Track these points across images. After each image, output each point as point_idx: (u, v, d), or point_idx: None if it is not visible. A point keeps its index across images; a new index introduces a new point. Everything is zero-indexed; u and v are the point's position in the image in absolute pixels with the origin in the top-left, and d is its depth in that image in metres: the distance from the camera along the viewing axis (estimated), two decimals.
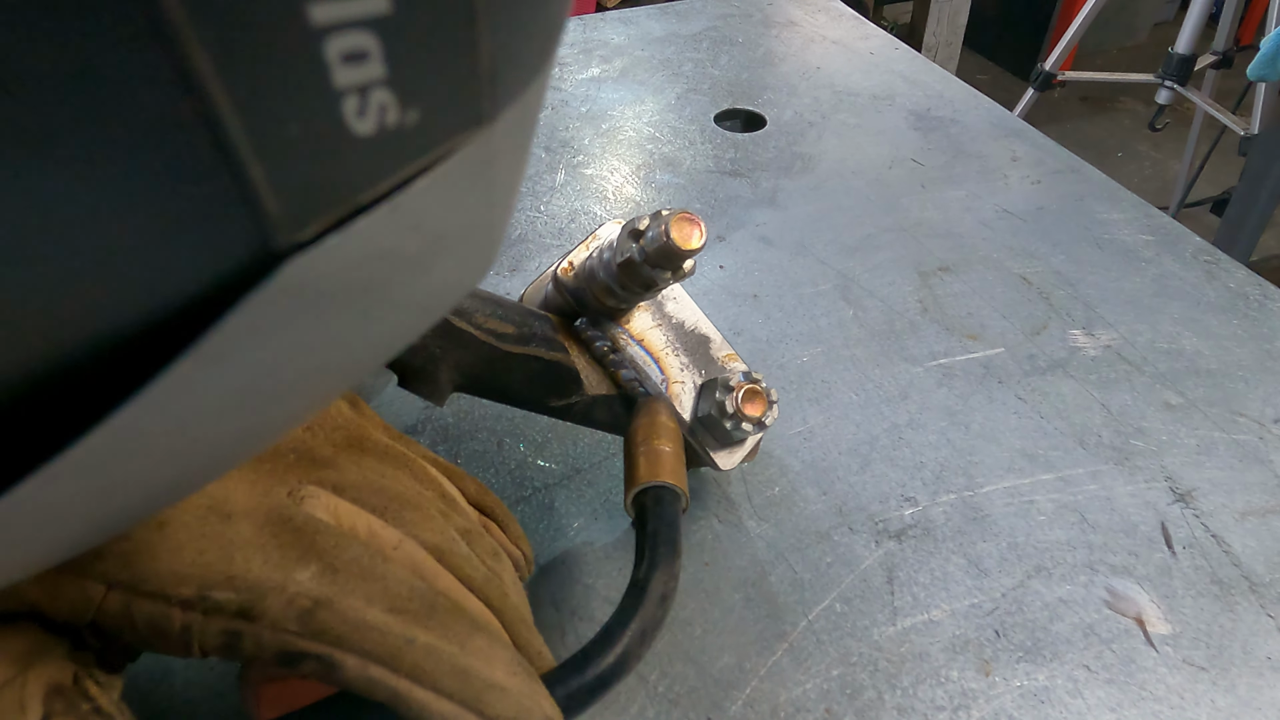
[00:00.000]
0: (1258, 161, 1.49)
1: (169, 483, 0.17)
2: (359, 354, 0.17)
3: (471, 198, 0.16)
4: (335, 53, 0.11)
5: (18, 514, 0.12)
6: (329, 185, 0.12)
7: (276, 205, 0.11)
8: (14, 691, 0.19)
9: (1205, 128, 1.72)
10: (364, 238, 0.13)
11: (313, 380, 0.17)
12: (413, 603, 0.23)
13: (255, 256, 0.12)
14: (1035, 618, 0.40)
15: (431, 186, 0.13)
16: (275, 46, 0.10)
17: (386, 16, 0.11)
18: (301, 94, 0.11)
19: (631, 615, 0.28)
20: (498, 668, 0.23)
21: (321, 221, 0.12)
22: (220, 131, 0.10)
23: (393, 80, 0.12)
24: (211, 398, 0.13)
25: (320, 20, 0.10)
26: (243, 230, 0.11)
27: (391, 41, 0.11)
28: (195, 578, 0.21)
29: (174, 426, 0.13)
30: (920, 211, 0.68)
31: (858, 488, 0.46)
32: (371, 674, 0.21)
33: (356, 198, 0.13)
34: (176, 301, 0.12)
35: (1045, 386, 0.52)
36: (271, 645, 0.21)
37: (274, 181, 0.11)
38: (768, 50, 0.93)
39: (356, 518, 0.26)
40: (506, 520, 0.33)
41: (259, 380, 0.14)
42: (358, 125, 0.12)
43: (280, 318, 0.13)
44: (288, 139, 0.11)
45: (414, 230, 0.14)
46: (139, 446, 0.13)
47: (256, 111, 0.10)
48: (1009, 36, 2.72)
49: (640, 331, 0.39)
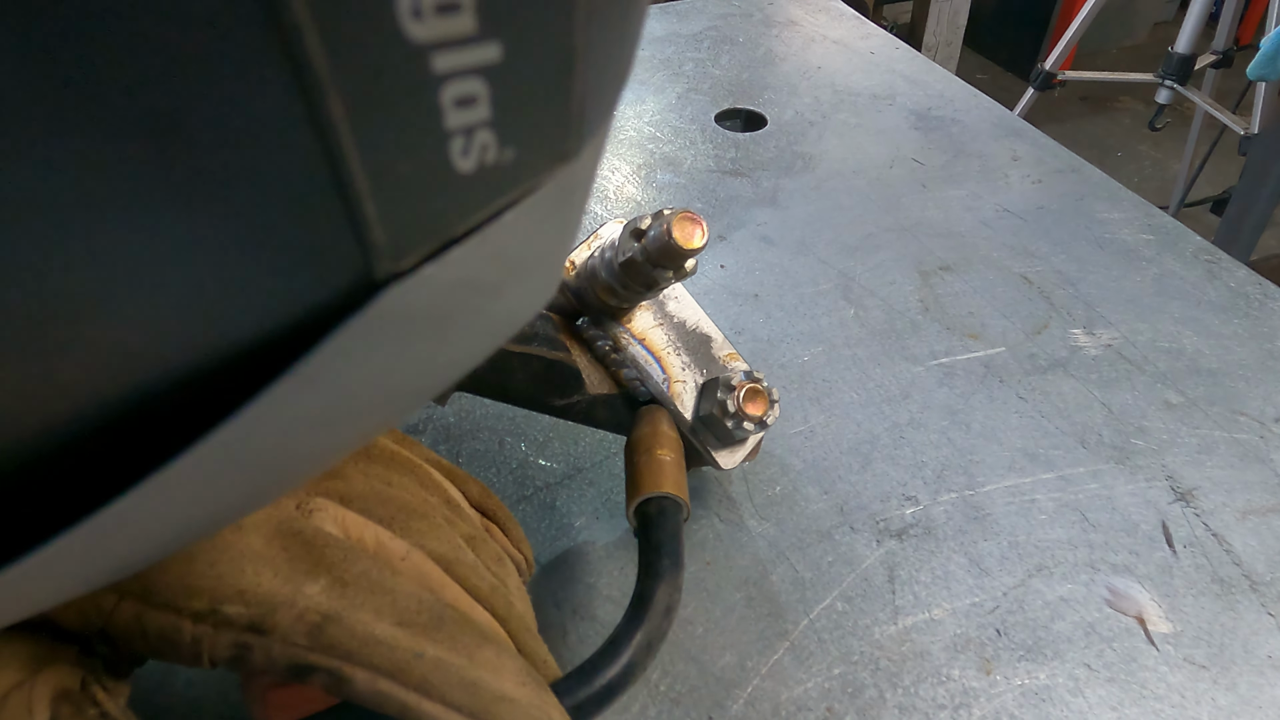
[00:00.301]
0: (1258, 161, 1.49)
1: (244, 498, 0.17)
2: (432, 377, 0.18)
3: (550, 228, 0.17)
4: (450, 98, 0.12)
5: (117, 525, 0.13)
6: (429, 219, 0.13)
7: (383, 237, 0.12)
8: (22, 695, 0.19)
9: (1205, 127, 1.72)
10: (455, 267, 0.14)
11: (388, 402, 0.17)
12: (421, 615, 0.23)
13: (358, 285, 0.13)
14: (1036, 616, 0.40)
15: (518, 218, 0.14)
16: (400, 93, 0.11)
17: (497, 64, 0.12)
18: (417, 136, 0.12)
19: (637, 626, 0.29)
20: (506, 679, 0.23)
21: (420, 252, 0.13)
22: (343, 171, 0.11)
23: (495, 122, 0.12)
24: (300, 418, 0.14)
25: (441, 69, 0.11)
26: (350, 260, 0.12)
27: (499, 87, 0.12)
28: (206, 590, 0.21)
29: (264, 445, 0.14)
30: (921, 211, 0.68)
31: (859, 487, 0.46)
32: (381, 688, 0.22)
33: (452, 230, 0.13)
34: (280, 327, 0.13)
35: (1046, 386, 0.52)
36: (281, 659, 0.21)
37: (383, 216, 0.12)
38: (768, 50, 0.93)
39: (364, 529, 0.26)
40: (508, 523, 0.33)
41: (343, 401, 0.15)
42: (461, 163, 0.12)
43: (372, 342, 0.14)
44: (400, 177, 0.12)
45: (497, 259, 0.15)
46: (230, 464, 0.14)
47: (376, 152, 0.11)
48: (1009, 36, 2.72)
49: (642, 331, 0.39)
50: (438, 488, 0.30)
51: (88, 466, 0.13)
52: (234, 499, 0.17)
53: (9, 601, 0.14)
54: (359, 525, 0.26)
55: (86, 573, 0.15)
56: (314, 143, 0.10)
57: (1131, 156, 2.39)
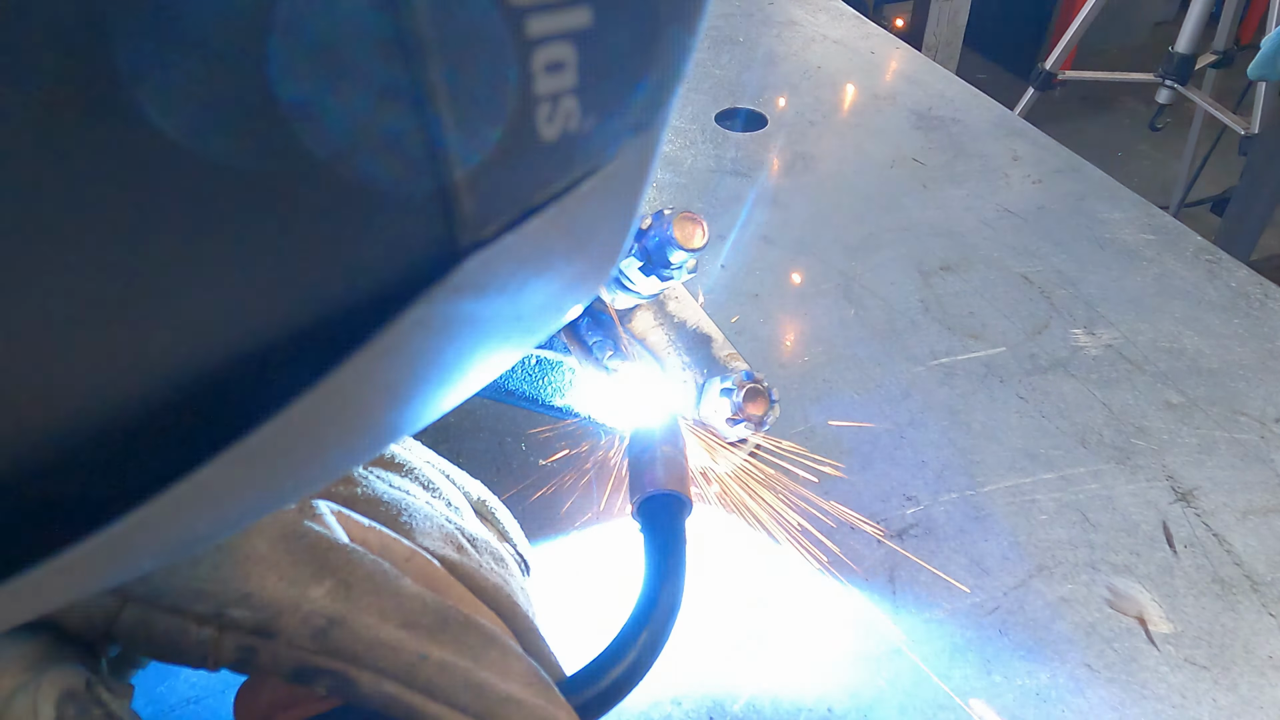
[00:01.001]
0: (1258, 161, 1.49)
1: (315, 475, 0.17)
2: (503, 350, 0.18)
3: (622, 198, 0.17)
4: (541, 62, 0.12)
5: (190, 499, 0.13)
6: (513, 186, 0.13)
7: (470, 206, 0.12)
8: (28, 696, 0.19)
9: (1205, 127, 1.72)
10: (533, 237, 0.14)
11: (460, 376, 0.17)
12: (426, 617, 0.23)
13: (442, 253, 0.13)
14: (1036, 616, 0.40)
15: (593, 188, 0.14)
16: (496, 55, 0.11)
17: (587, 29, 0.12)
18: (508, 101, 0.12)
19: (642, 626, 0.29)
20: (512, 680, 0.23)
21: (501, 220, 0.13)
22: (437, 135, 0.11)
23: (581, 89, 0.12)
24: (377, 390, 0.14)
25: (535, 32, 0.11)
26: (437, 229, 0.12)
27: (586, 53, 0.12)
28: (212, 594, 0.21)
29: (339, 416, 0.14)
30: (921, 211, 0.68)
31: (859, 486, 0.46)
32: (387, 690, 0.22)
33: (533, 199, 0.13)
34: (365, 295, 0.13)
35: (1046, 386, 0.52)
36: (287, 662, 0.21)
37: (471, 183, 0.12)
38: (769, 50, 0.93)
39: (368, 532, 0.26)
40: (508, 525, 0.33)
41: (421, 373, 0.15)
42: (546, 130, 0.12)
43: (452, 312, 0.14)
44: (489, 144, 0.12)
45: (570, 229, 0.15)
46: (306, 434, 0.14)
47: (470, 119, 0.11)
48: (1009, 36, 2.72)
49: (642, 330, 0.39)
50: (440, 489, 0.30)
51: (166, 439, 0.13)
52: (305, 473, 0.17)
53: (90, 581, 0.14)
54: (363, 528, 0.26)
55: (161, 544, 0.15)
56: (411, 102, 0.10)
57: (1131, 156, 2.39)
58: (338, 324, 0.12)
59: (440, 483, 0.31)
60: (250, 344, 0.12)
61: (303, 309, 0.12)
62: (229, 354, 0.12)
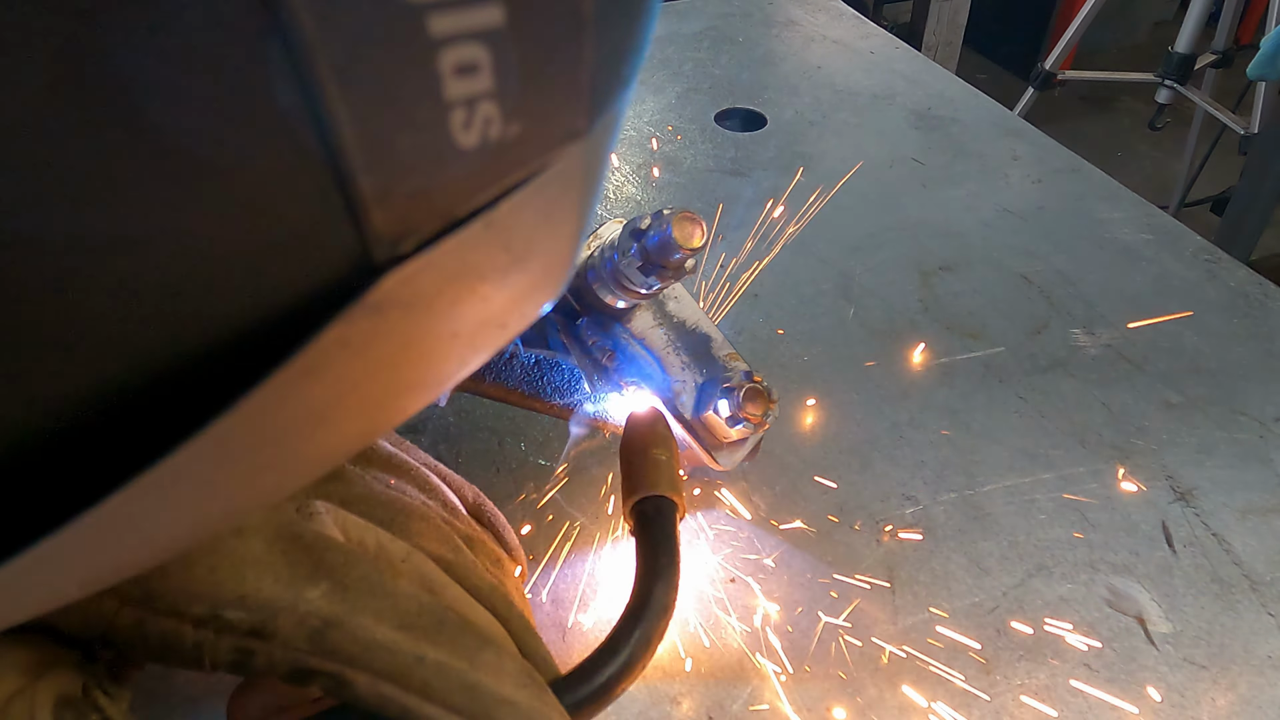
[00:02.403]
0: (1258, 161, 1.49)
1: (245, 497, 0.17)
2: (439, 370, 0.17)
3: (560, 211, 0.16)
4: (449, 65, 0.11)
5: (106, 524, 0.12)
6: (430, 199, 0.12)
7: (381, 219, 0.11)
8: (24, 701, 0.19)
9: (1205, 127, 1.71)
10: (458, 252, 0.13)
11: (391, 396, 0.17)
12: (422, 618, 0.23)
13: (356, 270, 0.12)
14: (1036, 616, 0.40)
15: (525, 199, 0.13)
16: (393, 58, 0.10)
17: (500, 28, 0.11)
18: (415, 106, 0.11)
19: (635, 625, 0.29)
20: (506, 681, 0.23)
21: (419, 235, 0.12)
22: (334, 143, 0.10)
23: (500, 92, 0.12)
24: (300, 410, 0.13)
25: (438, 32, 0.10)
26: (347, 245, 0.11)
27: (502, 54, 0.11)
28: (207, 596, 0.21)
29: (263, 439, 0.13)
30: (921, 211, 0.68)
31: (859, 486, 0.46)
32: (382, 691, 0.22)
33: (454, 211, 0.13)
34: (275, 315, 0.12)
35: (1046, 385, 0.52)
36: (283, 663, 0.21)
37: (381, 194, 0.11)
38: (768, 49, 0.92)
39: (365, 532, 0.26)
40: (502, 529, 0.33)
41: (344, 393, 0.14)
42: (462, 138, 0.12)
43: (372, 331, 0.13)
44: (397, 152, 0.11)
45: (504, 245, 0.14)
46: (227, 459, 0.13)
47: (370, 124, 0.10)
48: (1009, 36, 2.71)
49: (641, 330, 0.39)
50: (435, 490, 0.30)
51: (76, 464, 0.12)
52: (234, 497, 0.16)
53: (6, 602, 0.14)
54: (359, 528, 0.26)
55: (81, 573, 0.15)
56: (302, 111, 0.10)
57: (1131, 156, 2.39)
58: (252, 344, 0.12)
59: (436, 485, 0.31)
60: (161, 364, 0.11)
61: (213, 328, 0.12)
62: (137, 375, 0.11)
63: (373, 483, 0.28)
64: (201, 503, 0.15)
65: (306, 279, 0.12)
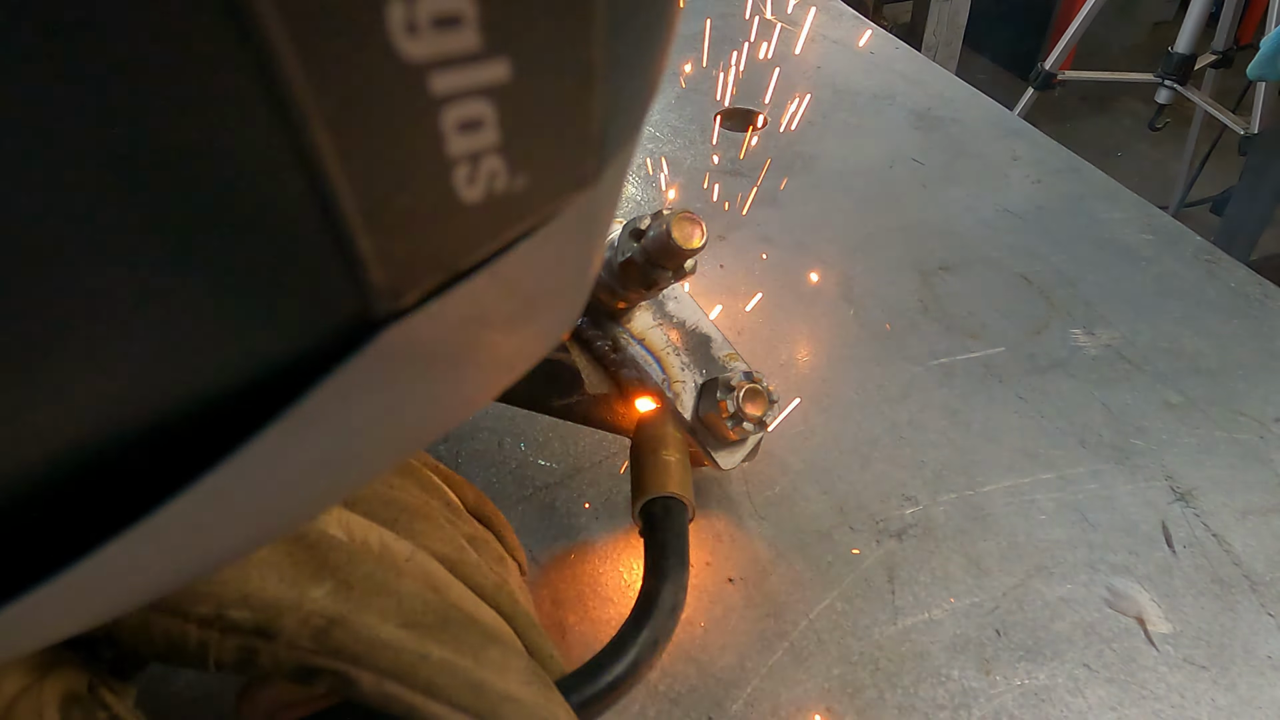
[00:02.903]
0: (1258, 161, 1.49)
1: (245, 540, 0.17)
2: (441, 416, 0.17)
3: (569, 257, 0.15)
4: (451, 122, 0.10)
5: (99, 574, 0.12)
6: (432, 253, 0.12)
7: (381, 276, 0.11)
8: (30, 699, 0.19)
9: (1205, 127, 1.72)
10: (462, 303, 0.13)
11: (397, 442, 0.16)
12: (426, 616, 0.23)
13: (354, 324, 0.12)
14: (1036, 617, 0.40)
15: (532, 249, 0.13)
16: (393, 117, 0.10)
17: (505, 84, 0.11)
18: (415, 165, 0.10)
19: (643, 624, 0.29)
20: (512, 679, 0.23)
21: (421, 289, 0.12)
22: (333, 205, 0.10)
23: (505, 147, 0.11)
24: (298, 463, 0.13)
25: (440, 91, 0.10)
26: (345, 299, 0.11)
27: (507, 109, 0.11)
28: (212, 596, 0.21)
29: (260, 490, 0.13)
30: (920, 211, 0.68)
31: (858, 486, 0.46)
32: (387, 689, 0.22)
33: (458, 264, 0.12)
34: (272, 367, 0.12)
35: (1046, 385, 0.52)
36: (288, 662, 0.21)
37: (379, 252, 0.11)
38: (768, 50, 0.93)
39: (368, 531, 0.26)
40: (503, 529, 0.33)
41: (346, 444, 0.14)
42: (466, 193, 0.11)
43: (373, 383, 0.13)
44: (397, 210, 0.11)
45: (511, 293, 0.14)
46: (225, 509, 0.13)
47: (369, 184, 0.10)
48: (1009, 36, 2.72)
49: (641, 330, 0.39)
50: (437, 490, 0.31)
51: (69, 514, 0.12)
52: (233, 542, 0.16)
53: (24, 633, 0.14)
54: (363, 527, 0.26)
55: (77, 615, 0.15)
56: (299, 174, 0.09)
57: (1131, 156, 2.39)
58: (246, 397, 0.12)
59: (438, 485, 0.31)
60: (149, 419, 0.11)
61: (205, 383, 0.11)
62: (124, 428, 0.11)
63: (376, 483, 0.28)
64: (197, 548, 0.15)
65: (304, 334, 0.11)
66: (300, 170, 0.09)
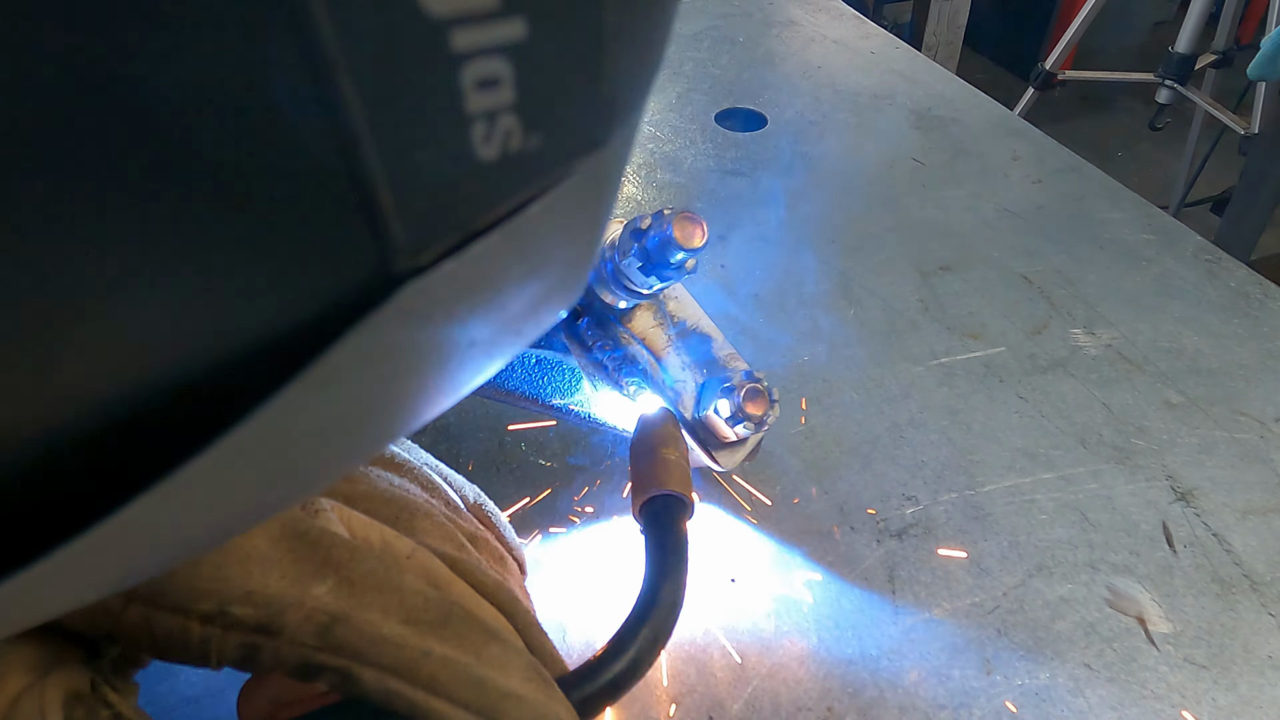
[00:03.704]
0: (1258, 161, 1.49)
1: (263, 503, 0.17)
2: (457, 378, 0.17)
3: (579, 219, 0.16)
4: (471, 79, 0.11)
5: (126, 532, 0.12)
6: (450, 211, 0.12)
7: (401, 231, 0.11)
8: (33, 698, 0.19)
9: (1205, 127, 1.72)
10: (478, 262, 0.13)
11: (412, 403, 0.17)
12: (428, 613, 0.23)
13: (374, 281, 0.12)
14: (1036, 616, 0.40)
15: (544, 210, 0.13)
16: (416, 72, 0.10)
17: (522, 42, 0.11)
18: (435, 121, 0.11)
19: (643, 622, 0.29)
20: (513, 676, 0.23)
21: (440, 246, 0.12)
22: (358, 158, 0.10)
23: (521, 105, 0.12)
24: (316, 420, 0.13)
25: (461, 46, 0.10)
26: (367, 256, 0.11)
27: (524, 67, 0.11)
28: (214, 593, 0.21)
29: (282, 446, 0.13)
30: (921, 211, 0.68)
31: (859, 486, 0.46)
32: (389, 686, 0.22)
33: (475, 222, 0.13)
34: (294, 325, 0.12)
35: (1046, 385, 0.52)
36: (290, 659, 0.21)
37: (400, 207, 0.11)
38: (768, 49, 0.93)
39: (370, 529, 0.26)
40: (503, 528, 0.33)
41: (365, 403, 0.14)
42: (483, 151, 0.12)
43: (392, 340, 0.13)
44: (418, 165, 0.11)
45: (522, 253, 0.14)
46: (247, 467, 0.13)
47: (393, 137, 0.10)
48: (1009, 36, 2.72)
49: (642, 330, 0.39)
50: (437, 489, 0.31)
51: (99, 471, 0.12)
52: (253, 503, 0.16)
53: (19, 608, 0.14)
54: (365, 525, 0.26)
55: (97, 579, 0.15)
56: (325, 126, 0.10)
57: (1131, 156, 2.39)
58: (267, 355, 0.12)
59: (438, 484, 0.31)
60: (173, 375, 0.12)
61: (227, 339, 0.12)
62: (149, 385, 0.11)
63: (377, 480, 0.28)
64: (219, 509, 0.15)
65: (325, 291, 0.12)
66: (327, 122, 0.10)
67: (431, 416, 0.18)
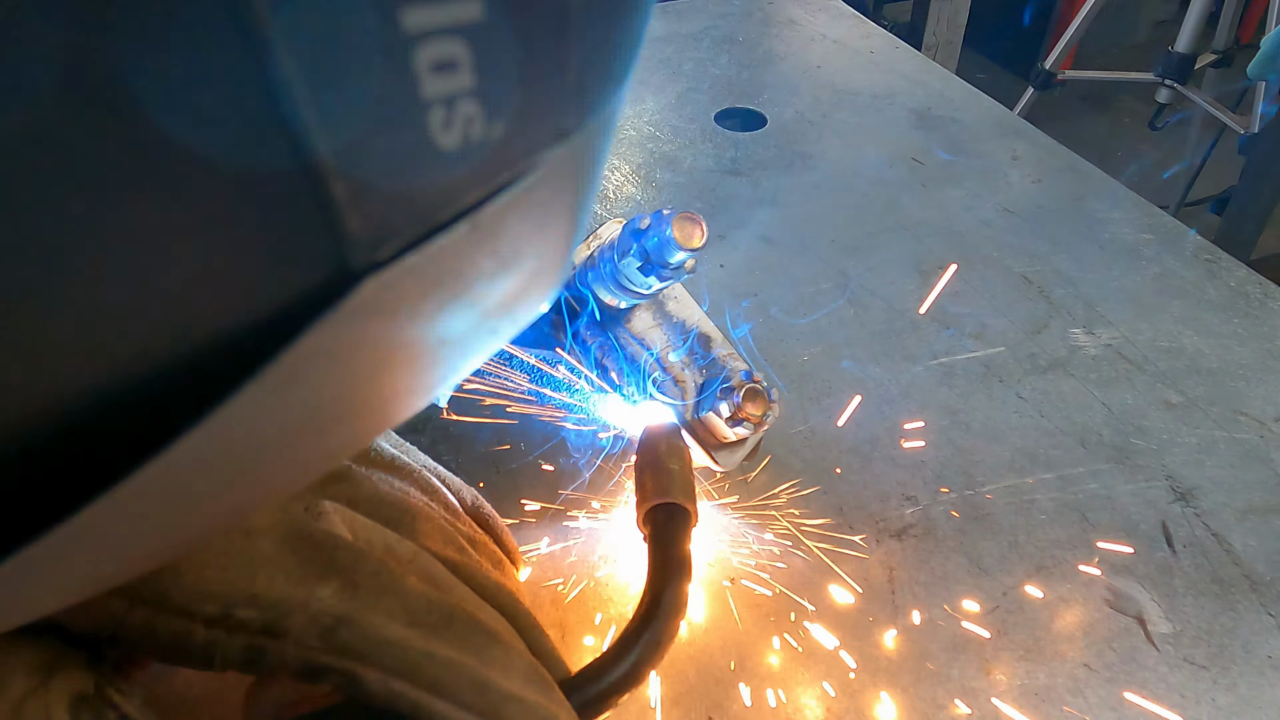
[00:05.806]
0: (1258, 161, 1.49)
1: (230, 505, 0.16)
2: (427, 377, 0.17)
3: (552, 213, 0.15)
4: (425, 62, 0.10)
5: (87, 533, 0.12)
6: (410, 202, 0.11)
7: (357, 224, 0.11)
8: (38, 701, 0.19)
9: (1205, 127, 1.71)
10: (442, 256, 0.12)
11: (381, 403, 0.16)
12: (431, 615, 0.23)
13: (333, 276, 0.11)
14: (1036, 616, 0.40)
15: (512, 202, 0.13)
16: (366, 54, 0.10)
17: (478, 23, 0.10)
18: (389, 105, 0.10)
19: (645, 627, 0.29)
20: (515, 678, 0.23)
21: (400, 240, 0.12)
22: (305, 146, 0.10)
23: (480, 91, 0.11)
24: (280, 420, 0.13)
25: (413, 27, 0.10)
26: (321, 250, 0.11)
27: (482, 50, 0.11)
28: (219, 595, 0.21)
29: (242, 447, 0.13)
30: (921, 210, 0.68)
31: (858, 486, 0.46)
32: (393, 687, 0.22)
33: (436, 215, 0.12)
34: (249, 322, 0.11)
35: (1046, 385, 0.52)
36: (295, 661, 0.21)
37: (356, 197, 0.11)
38: (768, 49, 0.92)
39: (372, 532, 0.26)
40: (501, 532, 0.33)
41: (327, 403, 0.14)
42: (442, 138, 0.11)
43: (353, 338, 0.12)
44: (372, 154, 0.10)
45: (491, 249, 0.14)
46: (206, 467, 0.13)
47: (342, 124, 0.10)
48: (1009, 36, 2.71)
49: (641, 330, 0.39)
50: (436, 492, 0.31)
51: (54, 471, 0.11)
52: (225, 502, 0.16)
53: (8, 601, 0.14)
54: (367, 528, 0.26)
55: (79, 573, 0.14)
56: (268, 112, 0.09)
57: (1132, 156, 2.39)
58: (224, 354, 0.11)
59: (437, 487, 0.31)
60: (127, 376, 0.11)
61: (182, 338, 0.11)
62: (101, 388, 0.11)
63: (379, 483, 0.28)
64: (189, 507, 0.14)
65: (281, 287, 0.11)
66: (270, 105, 0.09)
67: (406, 415, 0.17)
